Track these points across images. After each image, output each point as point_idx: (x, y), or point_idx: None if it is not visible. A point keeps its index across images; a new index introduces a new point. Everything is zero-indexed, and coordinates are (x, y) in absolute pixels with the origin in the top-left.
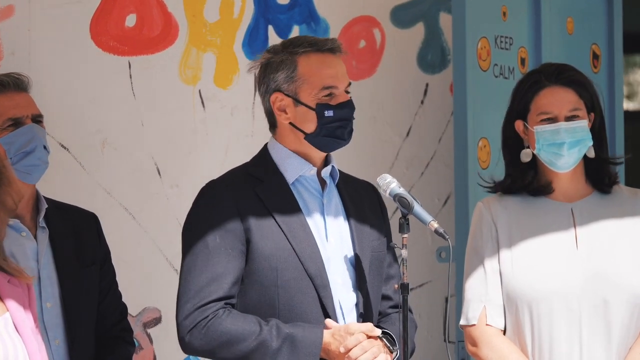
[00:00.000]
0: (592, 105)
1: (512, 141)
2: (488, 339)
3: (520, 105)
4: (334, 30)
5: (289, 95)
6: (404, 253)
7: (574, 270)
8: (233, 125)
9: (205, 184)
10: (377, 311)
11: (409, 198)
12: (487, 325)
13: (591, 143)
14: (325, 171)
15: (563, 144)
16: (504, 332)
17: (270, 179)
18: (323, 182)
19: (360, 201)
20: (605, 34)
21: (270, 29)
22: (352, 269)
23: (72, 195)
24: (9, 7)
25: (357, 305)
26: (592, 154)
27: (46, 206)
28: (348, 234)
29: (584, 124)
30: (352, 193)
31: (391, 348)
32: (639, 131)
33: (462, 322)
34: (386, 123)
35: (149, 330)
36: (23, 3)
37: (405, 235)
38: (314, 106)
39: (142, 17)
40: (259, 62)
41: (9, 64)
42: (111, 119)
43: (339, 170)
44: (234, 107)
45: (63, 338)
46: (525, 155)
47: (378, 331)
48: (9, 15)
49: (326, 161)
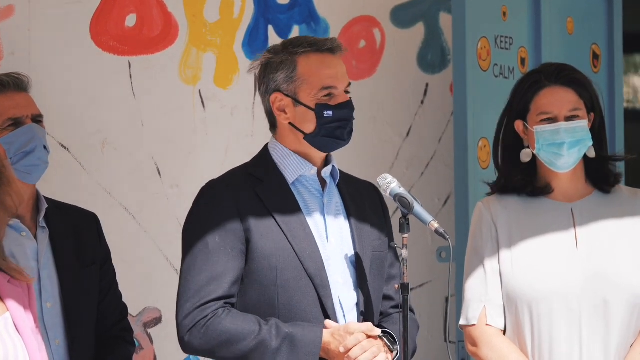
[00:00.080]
0: (592, 105)
1: (512, 141)
2: (488, 339)
3: (520, 105)
4: (334, 30)
5: (288, 96)
6: (404, 253)
7: (573, 270)
8: (233, 125)
9: (205, 184)
10: (378, 310)
11: (409, 198)
12: (487, 325)
13: (591, 143)
14: (326, 171)
15: (563, 144)
16: (504, 332)
17: (270, 178)
18: (323, 182)
19: (362, 201)
20: (605, 34)
21: (270, 29)
22: (353, 269)
23: (72, 195)
24: (9, 7)
25: (358, 304)
26: (593, 154)
27: (46, 206)
28: (348, 234)
29: (583, 124)
30: (353, 193)
31: (391, 347)
32: (639, 131)
33: (462, 322)
34: (386, 123)
35: (149, 330)
36: (23, 3)
37: (406, 235)
38: (313, 106)
39: (142, 17)
40: (259, 62)
41: (9, 64)
42: (111, 119)
43: (341, 170)
44: (234, 107)
45: (63, 338)
46: (525, 155)
47: (378, 331)
48: (9, 15)
49: (326, 161)
